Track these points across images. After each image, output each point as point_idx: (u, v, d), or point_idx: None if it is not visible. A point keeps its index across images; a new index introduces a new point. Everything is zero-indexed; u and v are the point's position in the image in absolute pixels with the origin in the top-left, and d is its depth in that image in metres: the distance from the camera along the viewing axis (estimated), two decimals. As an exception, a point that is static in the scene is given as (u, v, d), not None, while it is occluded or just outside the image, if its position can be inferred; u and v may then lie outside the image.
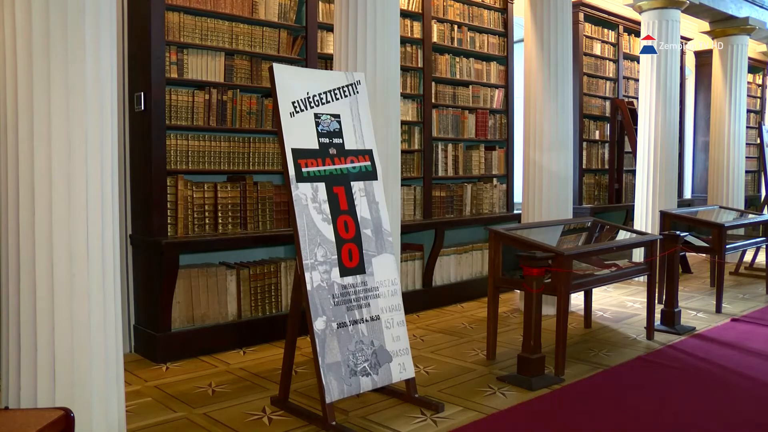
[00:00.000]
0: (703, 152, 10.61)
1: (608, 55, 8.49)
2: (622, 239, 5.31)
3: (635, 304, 6.12)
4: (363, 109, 3.71)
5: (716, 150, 9.07)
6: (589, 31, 8.16)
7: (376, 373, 3.36)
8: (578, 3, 7.75)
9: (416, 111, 6.01)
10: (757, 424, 3.41)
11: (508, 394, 3.76)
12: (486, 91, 6.67)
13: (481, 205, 6.57)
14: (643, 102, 7.39)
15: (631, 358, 4.49)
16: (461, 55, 6.45)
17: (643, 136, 7.36)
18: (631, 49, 8.79)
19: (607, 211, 8.11)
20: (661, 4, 7.21)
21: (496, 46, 6.77)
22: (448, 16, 6.30)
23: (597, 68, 8.29)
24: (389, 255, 3.59)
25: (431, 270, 5.99)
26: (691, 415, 3.51)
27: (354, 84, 3.71)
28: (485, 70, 6.68)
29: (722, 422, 3.42)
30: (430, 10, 6.07)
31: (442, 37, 6.24)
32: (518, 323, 5.27)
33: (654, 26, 7.28)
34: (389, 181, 4.16)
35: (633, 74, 8.74)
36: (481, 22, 6.62)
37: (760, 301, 6.42)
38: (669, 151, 7.28)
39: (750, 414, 3.55)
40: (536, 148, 5.68)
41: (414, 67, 5.98)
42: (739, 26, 8.70)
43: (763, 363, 4.44)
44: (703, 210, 7.50)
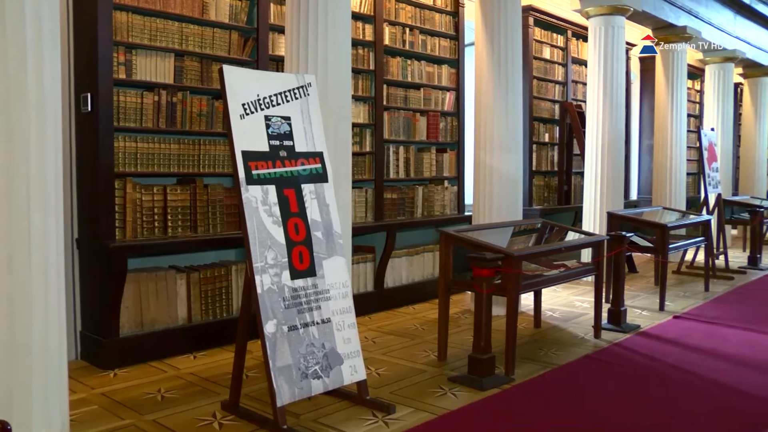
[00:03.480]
0: (648, 155, 10.89)
1: (557, 59, 8.66)
2: (570, 240, 5.42)
3: (584, 303, 6.25)
4: (314, 112, 3.70)
5: (660, 153, 9.33)
6: (539, 36, 8.31)
7: (327, 376, 3.36)
8: (528, 8, 7.89)
9: (368, 113, 6.03)
10: (694, 417, 3.53)
11: (459, 395, 3.80)
12: (437, 94, 6.73)
13: (433, 206, 6.62)
14: (591, 105, 7.55)
15: (579, 356, 4.58)
16: (413, 57, 6.50)
17: (591, 138, 7.52)
18: (579, 53, 8.98)
19: (557, 212, 8.27)
20: (606, 11, 7.38)
21: (447, 49, 6.84)
22: (399, 19, 6.34)
23: (546, 72, 8.45)
24: (340, 257, 3.59)
25: (383, 272, 6.02)
26: (635, 411, 3.60)
27: (305, 86, 3.70)
28: (437, 72, 6.74)
29: (664, 417, 3.52)
30: (382, 12, 6.09)
31: (394, 39, 6.28)
32: (469, 324, 5.33)
33: (600, 32, 7.45)
34: (340, 184, 4.16)
35: (581, 78, 8.93)
36: (433, 26, 6.68)
37: (699, 298, 6.63)
38: (616, 154, 7.45)
39: (688, 408, 3.67)
40: (487, 151, 5.75)
41: (366, 70, 6.00)
42: (678, 34, 8.98)
43: (702, 358, 4.60)
44: (647, 211, 7.71)
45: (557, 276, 4.72)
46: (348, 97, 4.39)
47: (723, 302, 6.53)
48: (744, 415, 3.55)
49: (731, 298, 6.78)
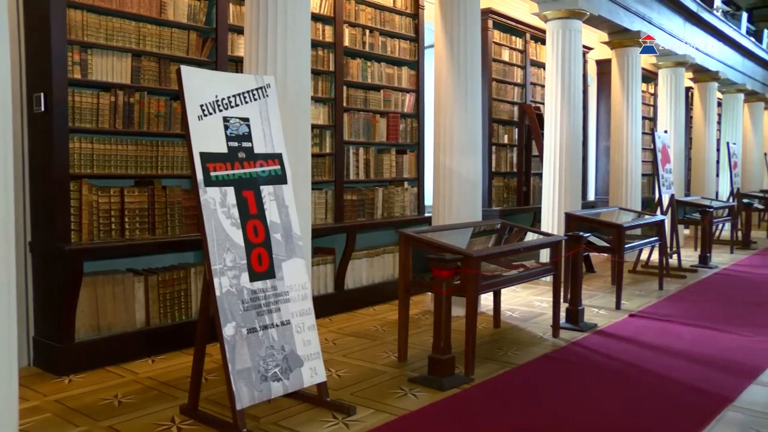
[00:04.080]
0: (605, 156, 11.09)
1: (516, 61, 8.77)
2: (529, 240, 5.49)
3: (542, 303, 6.33)
4: (273, 113, 3.69)
5: (616, 154, 9.51)
6: (498, 38, 8.40)
7: (287, 378, 3.35)
8: (487, 10, 7.96)
9: (328, 114, 6.02)
10: (648, 412, 3.61)
11: (419, 395, 3.82)
12: (397, 96, 6.76)
13: (393, 208, 6.64)
14: (549, 107, 7.66)
15: (538, 355, 4.64)
16: (373, 59, 6.51)
17: (549, 140, 7.63)
18: (538, 56, 9.10)
19: (516, 213, 8.37)
20: (564, 15, 7.50)
21: (407, 50, 6.87)
22: (359, 21, 6.34)
23: (505, 74, 8.55)
24: (299, 259, 3.58)
25: (343, 273, 6.01)
26: (592, 409, 3.67)
27: (264, 87, 3.68)
28: (396, 74, 6.76)
29: (620, 414, 3.59)
30: (341, 14, 6.09)
31: (354, 41, 6.28)
32: (429, 325, 5.36)
33: (558, 35, 7.57)
34: (300, 185, 4.15)
35: (540, 80, 9.05)
36: (393, 27, 6.70)
37: (654, 296, 6.78)
38: (573, 155, 7.58)
39: (643, 404, 3.74)
40: (446, 152, 5.79)
41: (325, 71, 5.99)
42: (632, 38, 9.18)
43: (656, 355, 4.70)
44: (604, 211, 7.84)
45: (516, 276, 4.78)
46: (307, 99, 4.38)
47: (676, 300, 6.68)
48: (695, 409, 3.64)
49: (684, 296, 6.94)
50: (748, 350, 4.83)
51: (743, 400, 3.81)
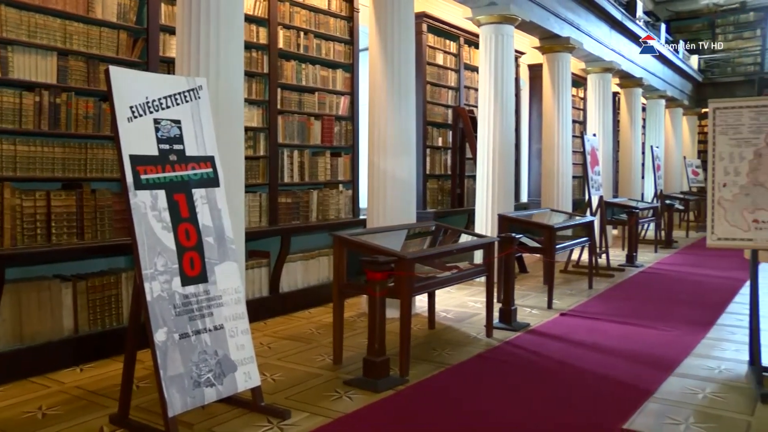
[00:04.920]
0: (537, 159, 11.35)
1: (450, 65, 8.89)
2: (462, 242, 5.57)
3: (476, 303, 6.43)
4: (205, 115, 3.64)
5: (548, 157, 9.75)
6: (433, 42, 8.50)
7: (220, 384, 3.31)
8: (422, 14, 8.05)
9: (261, 117, 5.97)
10: (577, 408, 3.72)
11: (355, 398, 3.83)
12: (332, 98, 6.76)
13: (328, 211, 6.63)
14: (483, 110, 7.80)
15: (472, 355, 4.72)
16: (307, 61, 6.49)
17: (483, 142, 7.77)
18: (472, 59, 9.25)
19: (450, 215, 8.47)
20: (496, 20, 7.65)
21: (342, 53, 6.88)
22: (294, 23, 6.32)
23: (440, 77, 8.65)
24: (232, 263, 3.55)
25: (278, 276, 5.98)
26: (525, 407, 3.75)
27: (196, 89, 3.63)
28: (331, 77, 6.76)
29: (550, 409, 3.69)
30: (276, 16, 6.05)
31: (289, 43, 6.25)
32: (365, 327, 5.34)
33: (491, 39, 7.72)
34: (233, 188, 4.11)
35: (473, 84, 9.19)
36: (328, 30, 6.70)
37: (584, 295, 6.99)
38: (506, 158, 7.73)
39: (571, 399, 3.86)
40: (381, 154, 5.83)
41: (259, 73, 5.94)
42: (562, 44, 9.44)
43: (585, 352, 4.85)
44: (536, 213, 8.04)
45: (450, 277, 4.85)
46: (240, 101, 4.35)
47: (604, 298, 6.90)
48: (619, 402, 3.77)
49: (612, 294, 7.17)
50: (668, 344, 5.03)
51: (662, 391, 3.98)
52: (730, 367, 4.48)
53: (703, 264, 9.45)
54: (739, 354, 4.73)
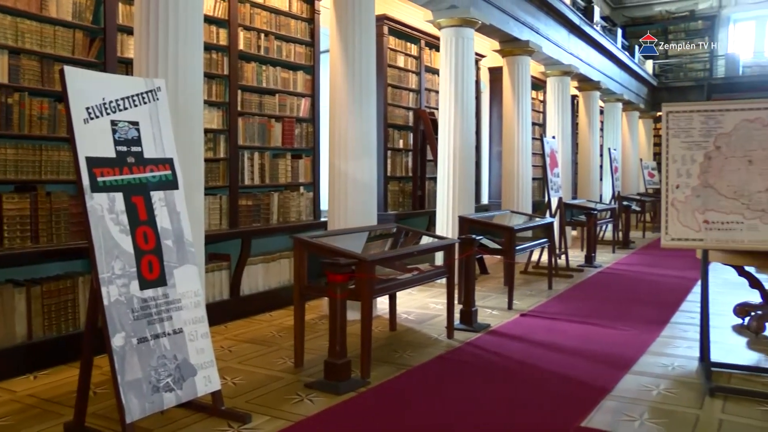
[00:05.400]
0: (498, 161, 11.45)
1: (411, 67, 8.93)
2: (423, 244, 5.61)
3: (437, 305, 6.47)
4: (163, 117, 3.60)
5: (508, 159, 9.84)
6: (393, 44, 8.53)
7: (180, 388, 3.28)
8: (383, 17, 8.07)
9: (222, 119, 5.93)
10: (537, 407, 3.78)
11: (316, 400, 3.83)
12: (293, 100, 6.73)
13: (289, 213, 6.61)
14: (443, 113, 7.85)
15: (433, 357, 4.75)
16: (268, 63, 6.46)
17: (443, 145, 7.82)
18: (432, 62, 9.30)
19: (411, 217, 8.51)
20: (456, 23, 7.71)
21: (302, 55, 6.86)
22: (255, 24, 6.28)
23: (401, 80, 8.69)
24: (192, 266, 3.52)
25: (238, 279, 5.93)
26: (486, 407, 3.79)
27: (154, 90, 3.59)
28: (292, 79, 6.74)
29: (509, 408, 3.74)
30: (236, 17, 6.01)
31: (249, 45, 6.22)
32: (326, 329, 5.31)
33: (452, 42, 7.77)
34: (192, 191, 4.07)
35: (434, 86, 9.24)
36: (288, 32, 6.68)
37: (544, 296, 7.08)
38: (467, 160, 7.79)
39: (530, 398, 3.92)
40: (341, 157, 5.83)
41: (219, 75, 5.89)
42: (522, 48, 9.55)
43: (544, 352, 4.93)
44: (497, 214, 8.13)
45: (411, 279, 4.87)
46: (200, 103, 4.31)
47: (564, 299, 7.01)
48: (577, 401, 3.84)
49: (571, 294, 7.29)
50: (625, 343, 5.14)
51: (619, 389, 4.07)
52: (683, 363, 4.60)
53: (658, 264, 9.67)
54: (691, 351, 4.85)
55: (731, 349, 5.05)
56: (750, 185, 4.10)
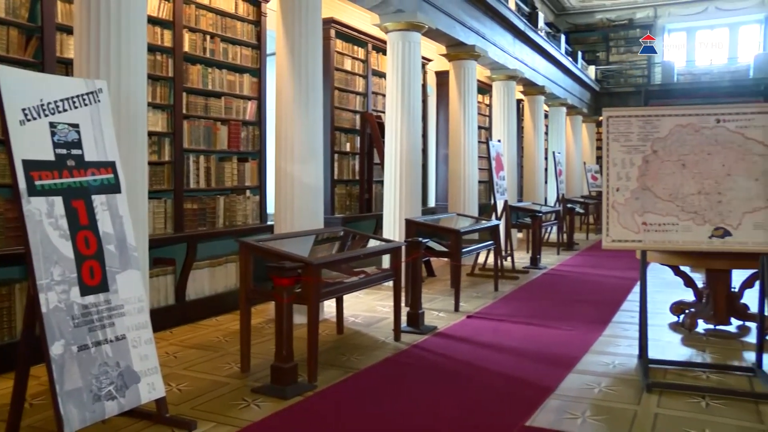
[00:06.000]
0: (445, 164, 11.55)
1: (358, 71, 8.95)
2: (369, 247, 5.62)
3: (385, 308, 6.49)
4: (105, 119, 3.53)
5: (454, 162, 9.94)
6: (341, 48, 8.54)
7: (122, 396, 3.21)
8: (330, 20, 8.07)
9: (166, 121, 5.84)
10: (483, 408, 3.83)
11: (263, 405, 3.80)
12: (239, 103, 6.67)
13: (235, 216, 6.55)
14: (390, 116, 7.89)
15: (380, 359, 4.76)
16: (214, 65, 6.39)
17: (390, 148, 7.85)
18: (379, 66, 9.34)
19: (359, 220, 8.52)
20: (403, 27, 7.76)
21: (249, 58, 6.81)
22: (200, 26, 6.21)
23: (348, 83, 8.70)
24: (135, 271, 3.45)
25: (184, 284, 5.85)
26: (432, 408, 3.82)
27: (95, 92, 3.52)
28: (238, 81, 6.68)
29: (455, 409, 3.78)
30: (181, 18, 5.94)
31: (194, 46, 6.14)
32: (273, 333, 5.29)
33: (398, 46, 7.82)
34: (136, 194, 4.01)
35: (381, 90, 9.28)
36: (235, 34, 6.62)
37: (490, 298, 7.18)
38: (413, 163, 7.85)
39: (476, 399, 3.97)
40: (288, 160, 5.81)
41: (164, 77, 5.80)
42: (468, 52, 9.67)
43: (490, 353, 5.00)
44: (443, 217, 8.19)
45: (358, 282, 4.88)
46: (143, 105, 4.24)
47: (509, 300, 7.11)
48: (522, 400, 3.90)
49: (516, 295, 7.41)
50: (569, 343, 5.25)
51: (562, 388, 4.16)
52: (623, 361, 4.72)
53: (601, 265, 9.90)
54: (631, 349, 4.98)
55: (667, 346, 5.22)
56: (684, 188, 4.25)
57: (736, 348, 5.21)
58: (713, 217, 4.19)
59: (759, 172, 4.16)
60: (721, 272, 5.49)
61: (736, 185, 4.18)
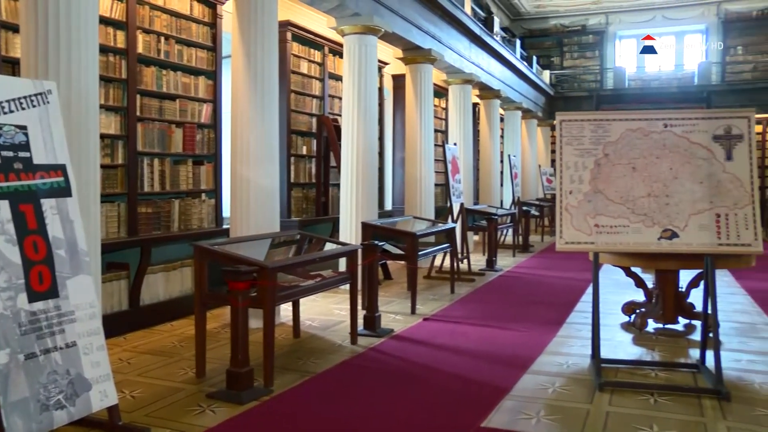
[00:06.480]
0: (401, 167, 11.60)
1: (315, 74, 8.94)
2: (325, 250, 5.61)
3: (341, 311, 6.47)
4: (55, 121, 3.45)
5: (411, 165, 9.99)
6: (297, 51, 8.51)
7: (72, 405, 3.14)
8: (286, 23, 8.04)
9: (120, 124, 5.74)
10: (439, 410, 3.86)
11: (218, 411, 3.76)
12: (194, 106, 6.60)
13: (190, 220, 6.47)
14: (346, 119, 7.89)
15: (337, 363, 4.76)
16: (169, 67, 6.31)
17: (346, 151, 7.86)
18: (336, 69, 9.33)
19: (315, 223, 8.50)
20: (360, 30, 7.77)
21: (204, 60, 6.74)
22: (154, 27, 6.12)
23: (304, 86, 8.68)
24: (86, 276, 3.39)
25: (138, 289, 5.75)
26: (389, 411, 3.84)
27: (44, 93, 3.43)
28: (193, 84, 6.61)
29: (411, 412, 3.80)
30: (135, 19, 5.84)
31: (149, 48, 6.05)
32: (229, 338, 5.25)
33: (355, 49, 7.82)
34: (87, 198, 3.93)
35: (337, 93, 9.27)
36: (190, 36, 6.54)
37: (446, 300, 7.23)
38: (370, 166, 7.86)
39: (433, 401, 4.00)
40: (244, 163, 5.76)
41: (117, 78, 5.71)
42: (424, 56, 9.73)
43: (446, 356, 5.04)
44: (400, 220, 8.23)
45: (314, 286, 4.87)
46: (95, 107, 4.15)
47: (466, 302, 7.18)
48: (477, 402, 3.95)
49: (473, 297, 7.48)
50: (524, 344, 5.33)
51: (517, 388, 4.22)
52: (577, 361, 4.81)
53: (556, 266, 10.05)
54: (584, 349, 5.08)
55: (619, 346, 5.34)
56: (634, 191, 4.35)
57: (682, 346, 5.36)
58: (661, 219, 4.30)
59: (703, 176, 4.29)
60: (670, 273, 5.64)
61: (683, 188, 4.30)
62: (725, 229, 4.20)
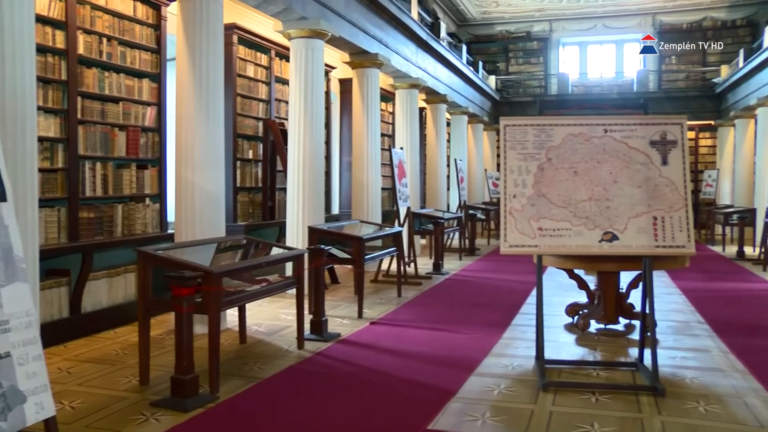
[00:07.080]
0: (348, 171, 11.59)
1: (261, 77, 8.87)
2: (271, 255, 5.58)
3: (288, 316, 6.44)
4: (-11, 124, 3.35)
5: (357, 169, 10.00)
6: (243, 54, 8.44)
7: (4, 420, 3.04)
8: (232, 26, 7.96)
9: (60, 127, 5.59)
10: (386, 413, 3.88)
11: (162, 419, 3.70)
12: (138, 108, 6.47)
13: (134, 225, 6.34)
14: (293, 123, 7.86)
15: (283, 368, 4.73)
16: (111, 69, 6.17)
17: (293, 155, 7.83)
18: (282, 72, 9.28)
19: (262, 227, 8.43)
20: (307, 34, 7.76)
21: (148, 62, 6.62)
22: (96, 28, 5.98)
23: (250, 90, 8.61)
24: (22, 284, 3.28)
25: (80, 296, 5.61)
26: (336, 416, 3.84)
27: (-22, 96, 3.33)
28: (137, 86, 6.48)
29: (358, 416, 3.81)
30: (75, 19, 5.70)
31: (90, 49, 5.91)
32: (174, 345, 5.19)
33: (301, 53, 7.80)
34: (24, 203, 3.84)
35: (284, 96, 9.23)
36: (133, 37, 6.42)
37: (393, 304, 7.27)
38: (316, 170, 7.85)
39: (379, 404, 4.03)
40: (188, 167, 5.69)
41: (56, 80, 5.56)
42: (371, 60, 9.77)
43: (393, 359, 5.07)
44: (346, 224, 8.23)
45: (260, 291, 4.84)
46: (33, 109, 4.05)
47: (413, 306, 7.22)
48: (424, 405, 3.98)
49: (420, 301, 7.53)
50: (470, 346, 5.39)
51: (463, 390, 4.27)
52: (522, 363, 4.90)
53: (501, 269, 10.20)
54: (529, 350, 5.18)
55: (562, 346, 5.46)
56: (576, 194, 4.46)
57: (622, 345, 5.51)
58: (602, 222, 4.41)
59: (641, 180, 4.42)
60: (611, 274, 5.79)
61: (622, 192, 4.43)
62: (662, 231, 4.34)
